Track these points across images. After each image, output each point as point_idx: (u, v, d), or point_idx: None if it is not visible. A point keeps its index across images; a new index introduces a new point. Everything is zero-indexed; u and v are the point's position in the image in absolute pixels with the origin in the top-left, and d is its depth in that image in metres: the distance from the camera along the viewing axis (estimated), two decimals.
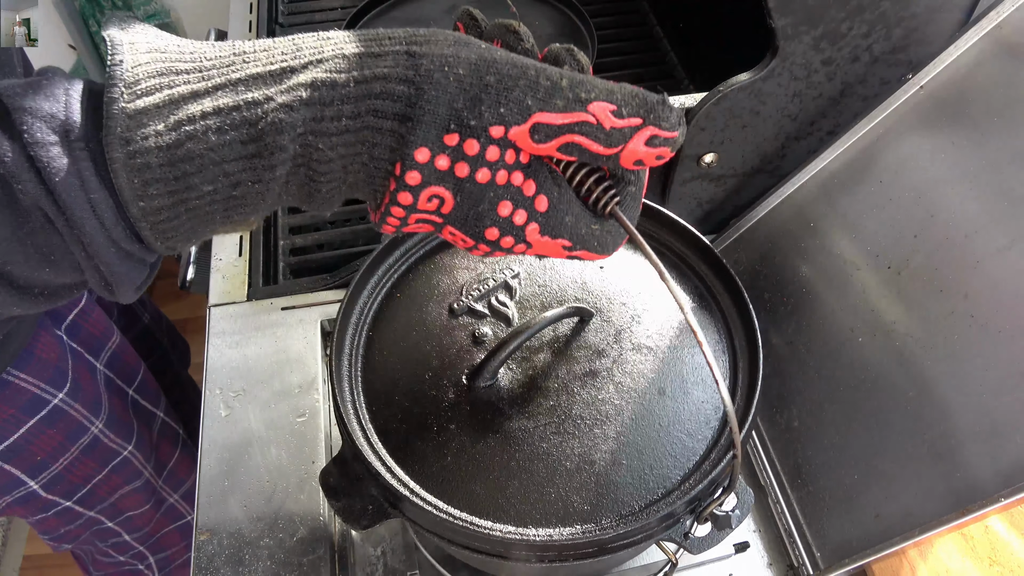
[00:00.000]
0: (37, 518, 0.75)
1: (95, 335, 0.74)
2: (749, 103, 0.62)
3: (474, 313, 0.51)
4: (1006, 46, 0.53)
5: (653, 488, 0.43)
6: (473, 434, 0.45)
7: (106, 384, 0.75)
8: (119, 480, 0.78)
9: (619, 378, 0.47)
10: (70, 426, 0.69)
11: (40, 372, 0.65)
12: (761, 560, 0.57)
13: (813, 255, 0.60)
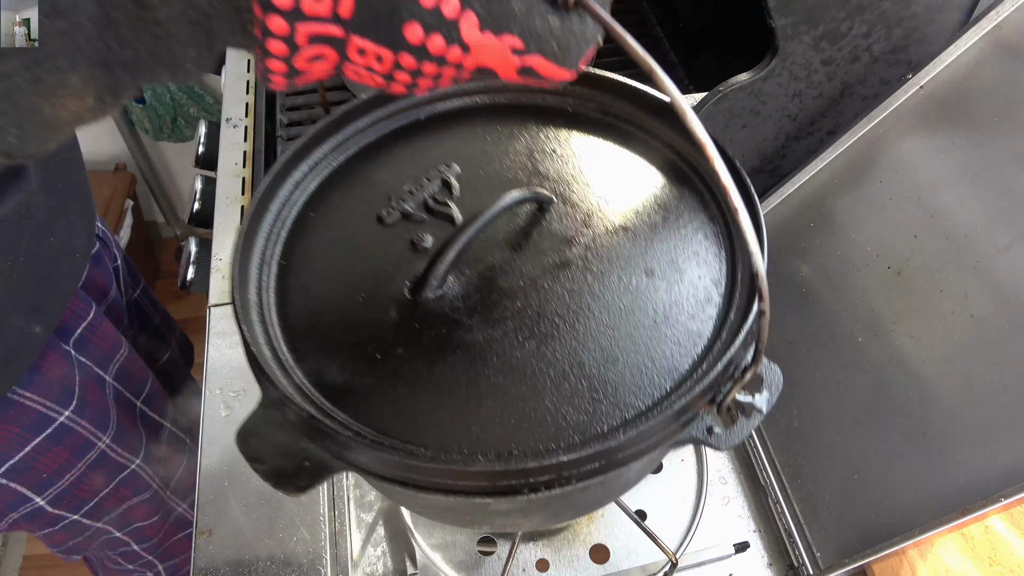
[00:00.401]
0: (44, 532, 0.75)
1: (104, 348, 0.74)
2: (749, 103, 0.62)
3: (409, 219, 0.42)
4: (1006, 46, 0.53)
5: (659, 382, 0.35)
6: (427, 356, 0.37)
7: (115, 397, 0.75)
8: (127, 492, 0.77)
9: (597, 266, 0.40)
10: (77, 443, 0.68)
11: (46, 390, 0.64)
12: (761, 560, 0.57)
13: (813, 255, 0.60)
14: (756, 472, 0.60)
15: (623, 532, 0.58)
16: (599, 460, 0.33)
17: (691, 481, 0.61)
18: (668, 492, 0.61)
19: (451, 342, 0.37)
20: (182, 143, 1.64)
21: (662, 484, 0.61)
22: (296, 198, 0.44)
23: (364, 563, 0.57)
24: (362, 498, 0.60)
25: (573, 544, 0.58)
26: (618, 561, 0.57)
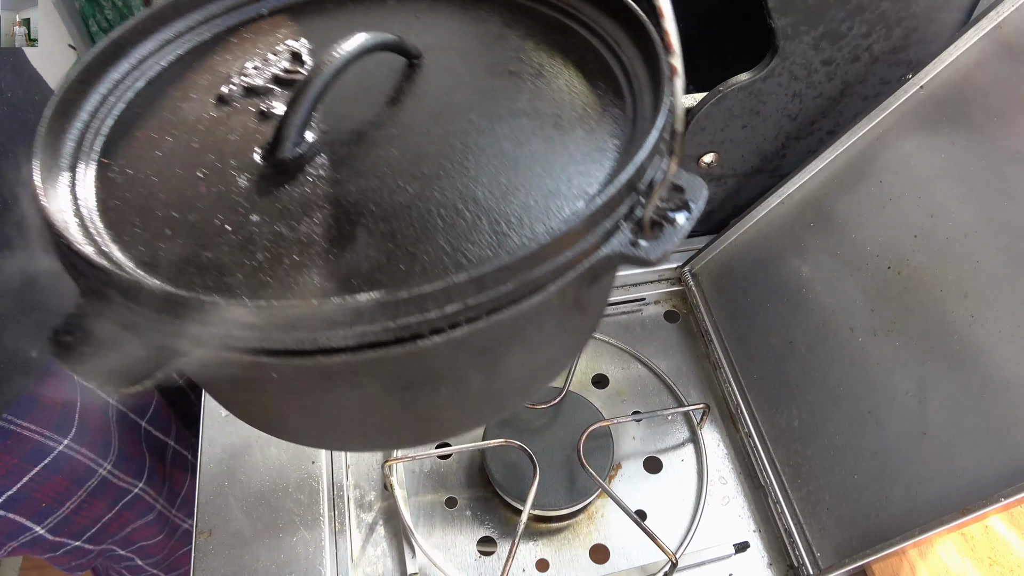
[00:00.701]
0: (46, 556, 0.74)
1: None
2: (749, 103, 0.62)
3: (255, 92, 0.38)
4: (1006, 46, 0.53)
5: (570, 204, 0.31)
6: (290, 217, 0.31)
7: (119, 419, 0.74)
8: (130, 516, 0.77)
9: (479, 106, 0.35)
10: (77, 471, 0.67)
11: (44, 420, 0.63)
12: (761, 560, 0.58)
13: (813, 255, 0.60)
14: (756, 472, 0.60)
15: (623, 532, 0.59)
16: (510, 279, 0.27)
17: (691, 481, 0.61)
18: (668, 492, 0.61)
19: (317, 199, 0.32)
20: None
21: (662, 484, 0.61)
22: (118, 96, 0.38)
23: (364, 563, 0.57)
24: (362, 498, 0.60)
25: (573, 544, 0.58)
26: (618, 561, 0.57)
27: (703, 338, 0.69)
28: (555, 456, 0.59)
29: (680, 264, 0.72)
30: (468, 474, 0.61)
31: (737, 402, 0.63)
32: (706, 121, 0.62)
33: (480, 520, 0.59)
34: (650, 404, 0.66)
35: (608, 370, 0.68)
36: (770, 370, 0.61)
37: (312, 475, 0.58)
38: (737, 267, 0.67)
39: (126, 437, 0.75)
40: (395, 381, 0.32)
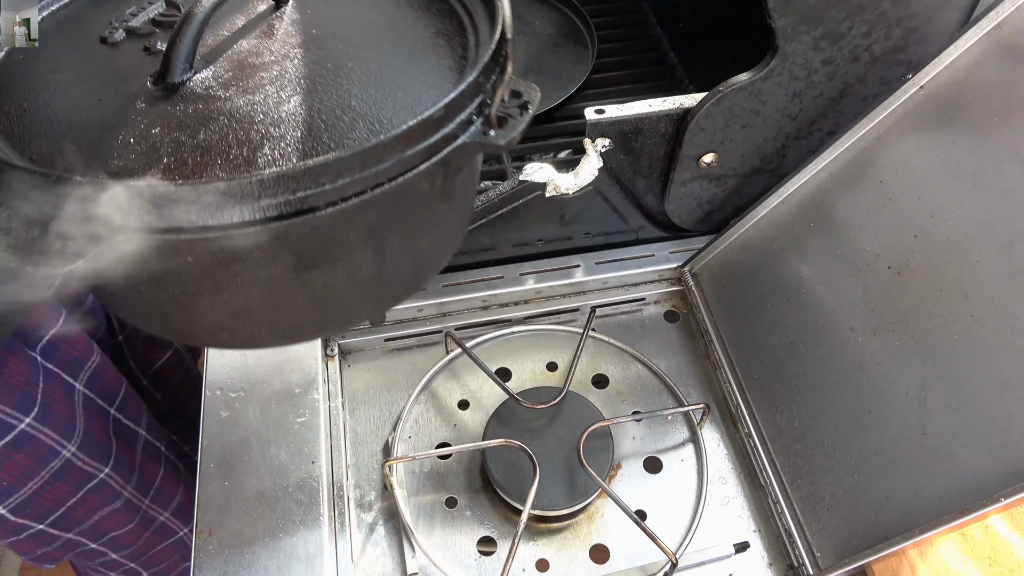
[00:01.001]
0: (8, 541, 0.73)
1: (74, 355, 0.72)
2: (749, 103, 0.62)
3: (137, 34, 0.41)
4: (1006, 46, 0.53)
5: (431, 103, 0.34)
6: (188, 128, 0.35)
7: (84, 405, 0.73)
8: (97, 502, 0.76)
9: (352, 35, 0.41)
10: (39, 451, 0.67)
11: (5, 397, 0.62)
12: (761, 560, 0.58)
13: (813, 255, 0.60)
14: (756, 472, 0.60)
15: (623, 532, 0.59)
16: (388, 156, 0.32)
17: (691, 481, 0.61)
18: (668, 492, 0.61)
19: (211, 112, 0.36)
20: None
21: (662, 484, 0.61)
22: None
23: (364, 563, 0.57)
24: (362, 498, 0.60)
25: (573, 544, 0.58)
26: (618, 561, 0.57)
27: (703, 338, 0.69)
28: (555, 456, 0.59)
29: (680, 264, 0.72)
30: (468, 474, 0.61)
31: (737, 402, 0.63)
32: (706, 121, 0.62)
33: (480, 520, 0.59)
34: (650, 404, 0.66)
35: (608, 370, 0.68)
36: (770, 370, 0.61)
37: (312, 475, 0.58)
38: (737, 267, 0.67)
39: (93, 422, 0.74)
40: (297, 259, 0.36)
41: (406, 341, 0.70)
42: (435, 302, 0.69)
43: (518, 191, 0.64)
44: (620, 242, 0.74)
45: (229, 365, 0.64)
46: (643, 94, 0.66)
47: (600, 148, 0.63)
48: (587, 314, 0.69)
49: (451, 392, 0.67)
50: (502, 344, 0.70)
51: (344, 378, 0.67)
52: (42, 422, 0.66)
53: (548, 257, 0.72)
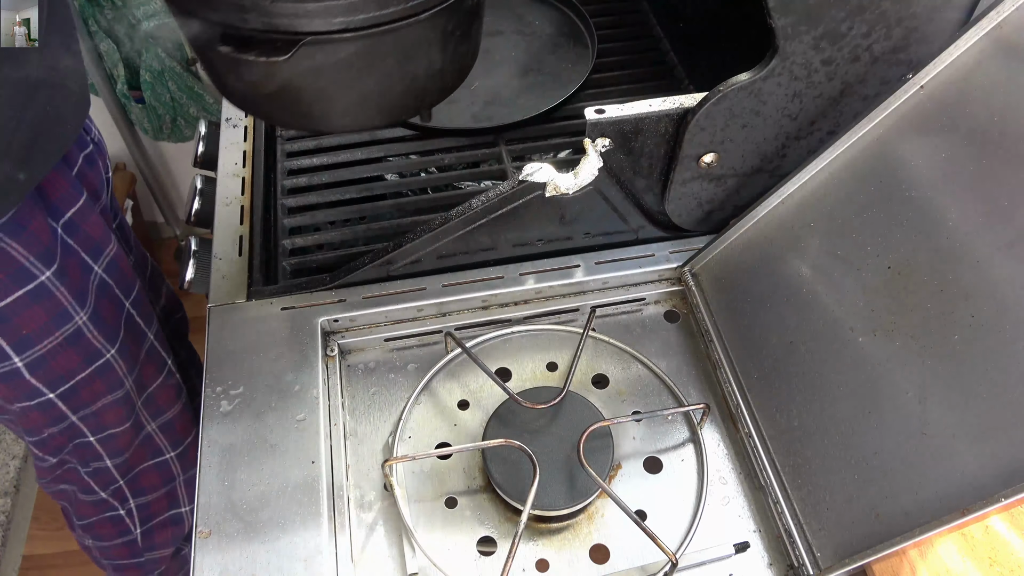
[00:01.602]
0: (20, 406, 0.75)
1: (93, 238, 0.76)
2: (749, 103, 0.62)
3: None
4: (1006, 46, 0.53)
5: None
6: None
7: (100, 287, 0.76)
8: (102, 387, 0.78)
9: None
10: (55, 308, 0.70)
11: (30, 245, 0.66)
12: (761, 560, 0.58)
13: (813, 255, 0.60)
14: (756, 472, 0.60)
15: (623, 532, 0.59)
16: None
17: (691, 481, 0.61)
18: (668, 492, 0.61)
19: None
20: (182, 143, 1.64)
21: (662, 484, 0.61)
22: None
23: (364, 563, 0.57)
24: (362, 498, 0.60)
25: (573, 544, 0.58)
26: (618, 561, 0.57)
27: (703, 338, 0.69)
28: (555, 456, 0.59)
29: (680, 264, 0.72)
30: (468, 474, 0.61)
31: (737, 402, 0.63)
32: (706, 121, 0.62)
33: (480, 520, 0.59)
34: (650, 404, 0.66)
35: (608, 370, 0.68)
36: (770, 370, 0.61)
37: (312, 475, 0.58)
38: (737, 267, 0.67)
39: (104, 304, 0.77)
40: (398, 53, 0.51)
41: (406, 341, 0.70)
42: (435, 302, 0.69)
43: (518, 191, 0.64)
44: (620, 242, 0.74)
45: (229, 364, 0.64)
46: (643, 94, 0.66)
47: (600, 148, 0.63)
48: (587, 314, 0.69)
49: (451, 392, 0.67)
50: (502, 344, 0.70)
51: (344, 378, 0.67)
52: (60, 280, 0.70)
53: (548, 257, 0.72)
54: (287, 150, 0.84)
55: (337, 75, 0.52)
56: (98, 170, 0.82)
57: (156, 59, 1.44)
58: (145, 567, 1.03)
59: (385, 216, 0.80)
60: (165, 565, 1.05)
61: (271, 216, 0.79)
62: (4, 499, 1.45)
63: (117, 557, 1.00)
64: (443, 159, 0.84)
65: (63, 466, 0.87)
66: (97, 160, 0.82)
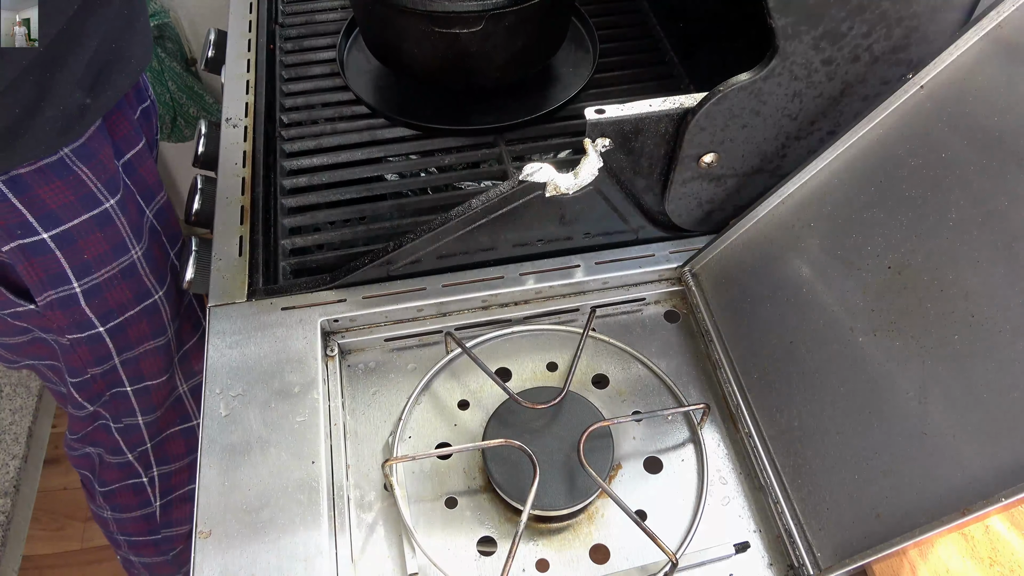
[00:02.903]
0: (72, 337, 0.77)
1: (147, 182, 0.79)
2: (749, 103, 0.62)
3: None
4: (1006, 46, 0.53)
5: None
6: None
7: (151, 232, 0.79)
8: (147, 328, 0.81)
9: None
10: (115, 239, 0.73)
11: (99, 172, 0.69)
12: (761, 560, 0.58)
13: (813, 255, 0.60)
14: (756, 472, 0.60)
15: (623, 532, 0.59)
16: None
17: (691, 481, 0.61)
18: (668, 492, 0.61)
19: None
20: (182, 143, 1.64)
21: (662, 484, 0.61)
22: None
23: (364, 563, 0.57)
24: (362, 498, 0.60)
25: (573, 544, 0.58)
26: (618, 561, 0.57)
27: (703, 338, 0.69)
28: (555, 456, 0.59)
29: (680, 264, 0.72)
30: (468, 474, 0.61)
31: (737, 402, 0.63)
32: (706, 121, 0.62)
33: (480, 520, 0.59)
34: (650, 404, 0.66)
35: (608, 370, 0.68)
36: (770, 370, 0.61)
37: (312, 475, 0.58)
38: (737, 267, 0.67)
39: (155, 245, 0.80)
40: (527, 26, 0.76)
41: (406, 341, 0.70)
42: (435, 302, 0.69)
43: (518, 191, 0.64)
44: (620, 242, 0.74)
45: (229, 364, 0.64)
46: (643, 94, 0.66)
47: (600, 148, 0.63)
48: (587, 314, 0.69)
49: (451, 392, 0.67)
50: (502, 344, 0.70)
51: (344, 378, 0.67)
52: (122, 211, 0.73)
53: (548, 257, 0.72)
54: (287, 150, 0.84)
55: (501, 39, 0.76)
56: (152, 126, 0.87)
57: (156, 59, 1.44)
58: (160, 545, 1.04)
59: (385, 216, 0.80)
60: (181, 546, 1.05)
61: (271, 216, 0.79)
62: (4, 499, 1.45)
63: (134, 532, 1.01)
64: (443, 159, 0.84)
65: (95, 421, 0.88)
66: (152, 116, 0.87)
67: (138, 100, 0.83)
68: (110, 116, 0.73)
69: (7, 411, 1.56)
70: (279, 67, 0.94)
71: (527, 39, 0.79)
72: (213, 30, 1.02)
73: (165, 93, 1.51)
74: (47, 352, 0.84)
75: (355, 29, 0.93)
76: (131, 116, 0.78)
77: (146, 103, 0.85)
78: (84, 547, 1.51)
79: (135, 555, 1.05)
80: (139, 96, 0.84)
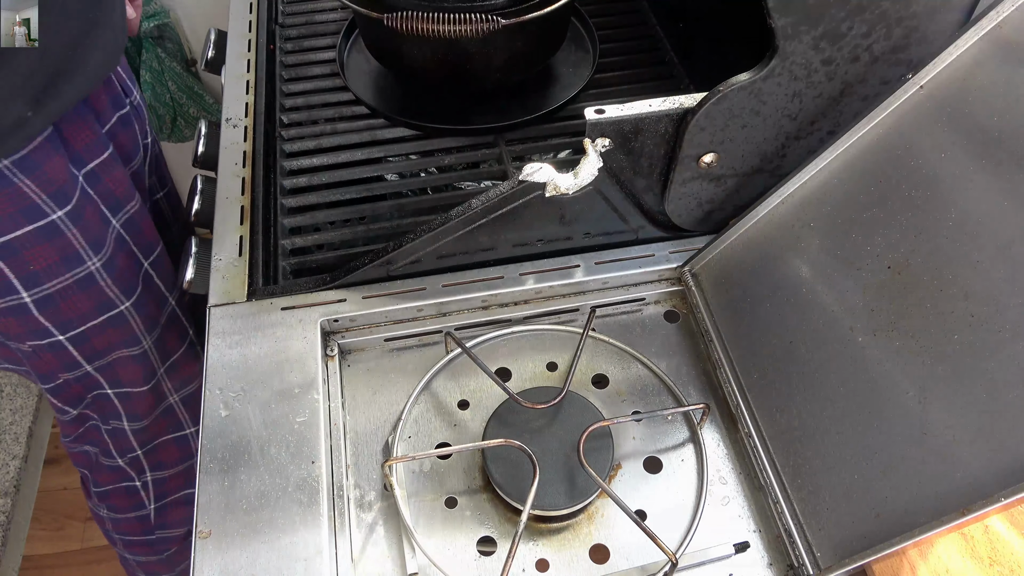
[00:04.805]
0: (32, 344, 0.76)
1: (114, 193, 0.76)
2: (749, 103, 0.62)
3: None
4: (1006, 46, 0.53)
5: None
6: None
7: (118, 241, 0.77)
8: (115, 337, 0.79)
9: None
10: (66, 250, 0.71)
11: (43, 184, 0.67)
12: (761, 560, 0.58)
13: (813, 255, 0.60)
14: (756, 472, 0.60)
15: (623, 532, 0.59)
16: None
17: (691, 481, 0.61)
18: (668, 492, 0.61)
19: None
20: (182, 143, 1.64)
21: (662, 484, 0.61)
22: None
23: (364, 563, 0.57)
24: (362, 498, 0.60)
25: (573, 544, 0.58)
26: (618, 561, 0.57)
27: (703, 338, 0.69)
28: (555, 456, 0.59)
29: (680, 264, 0.72)
30: (468, 474, 0.62)
31: (737, 402, 0.63)
32: (706, 121, 0.62)
33: (480, 520, 0.59)
34: (650, 404, 0.66)
35: (608, 370, 0.68)
36: (770, 370, 0.61)
37: (312, 475, 0.58)
38: (737, 267, 0.67)
39: (121, 256, 0.77)
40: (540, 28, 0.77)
41: (406, 341, 0.70)
42: (435, 302, 0.69)
43: (518, 191, 0.64)
44: (620, 242, 0.74)
45: (229, 364, 0.64)
46: (643, 94, 0.66)
47: (600, 148, 0.63)
48: (587, 314, 0.69)
49: (451, 392, 0.67)
50: (502, 344, 0.70)
51: (344, 378, 0.67)
52: (73, 222, 0.70)
53: (548, 257, 0.72)
54: (287, 150, 0.84)
55: (500, 41, 0.77)
56: (132, 132, 0.83)
57: (156, 59, 1.44)
58: (155, 546, 1.03)
59: (385, 216, 0.80)
60: (176, 547, 1.05)
61: (271, 216, 0.79)
62: (4, 499, 1.45)
63: (129, 532, 1.01)
64: (443, 159, 0.84)
65: (85, 422, 0.87)
66: (133, 124, 0.84)
67: (114, 106, 0.80)
68: (69, 125, 0.71)
69: (7, 411, 1.56)
70: (279, 67, 0.94)
71: (527, 41, 0.78)
72: (213, 30, 1.02)
73: (165, 93, 1.51)
74: (15, 358, 0.82)
75: (355, 29, 0.93)
76: (96, 126, 0.75)
77: (124, 109, 0.82)
78: (84, 547, 1.51)
79: (130, 553, 1.05)
80: (116, 102, 0.81)
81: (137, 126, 0.85)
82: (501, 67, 0.80)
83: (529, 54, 0.82)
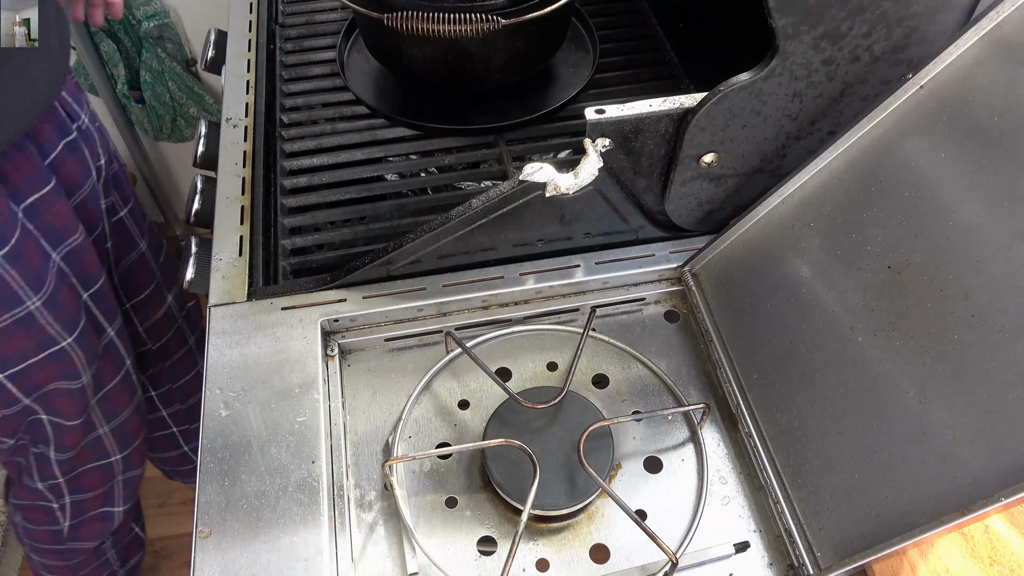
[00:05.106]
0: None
1: (55, 226, 0.74)
2: (749, 103, 0.62)
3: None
4: (1006, 46, 0.53)
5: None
6: None
7: (59, 276, 0.74)
8: (56, 371, 0.77)
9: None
10: (4, 291, 0.69)
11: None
12: (761, 560, 0.58)
13: (813, 255, 0.60)
14: (756, 472, 0.60)
15: (623, 532, 0.59)
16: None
17: (691, 481, 0.61)
18: (668, 492, 0.61)
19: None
20: (182, 143, 1.64)
21: (662, 484, 0.61)
22: None
23: (364, 563, 0.57)
24: (362, 498, 0.60)
25: (573, 544, 0.58)
26: (618, 561, 0.57)
27: (703, 338, 0.69)
28: (555, 456, 0.59)
29: (680, 264, 0.72)
30: (468, 474, 0.62)
31: (737, 402, 0.63)
32: (706, 121, 0.62)
33: (480, 520, 0.59)
34: (650, 404, 0.66)
35: (608, 370, 0.68)
36: (770, 370, 0.61)
37: (312, 475, 0.58)
38: (737, 267, 0.67)
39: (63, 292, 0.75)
40: (540, 28, 0.78)
41: (406, 341, 0.70)
42: (435, 302, 0.69)
43: (518, 191, 0.64)
44: (620, 242, 0.74)
45: (229, 364, 0.64)
46: (643, 94, 0.66)
47: (600, 148, 0.63)
48: (587, 314, 0.69)
49: (451, 392, 0.67)
50: (502, 344, 0.70)
51: (344, 378, 0.67)
52: (11, 263, 0.68)
53: (548, 257, 0.72)
54: (287, 150, 0.85)
55: (500, 41, 0.77)
56: (82, 158, 0.80)
57: (156, 59, 1.44)
58: (64, 556, 1.01)
59: (385, 216, 0.80)
60: (84, 557, 1.03)
61: (271, 216, 0.79)
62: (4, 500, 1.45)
63: (40, 541, 0.99)
64: (443, 159, 0.84)
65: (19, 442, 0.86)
66: (82, 148, 0.80)
67: (60, 134, 0.77)
68: (7, 161, 0.68)
69: None
70: (279, 67, 0.94)
71: (527, 41, 0.79)
72: (213, 30, 1.02)
73: (165, 93, 1.51)
74: None
75: (355, 29, 0.93)
76: (38, 160, 0.72)
77: (71, 136, 0.79)
78: None
79: (37, 556, 1.04)
80: (62, 129, 0.78)
81: (87, 150, 0.82)
82: (501, 67, 0.80)
83: (529, 54, 0.81)
